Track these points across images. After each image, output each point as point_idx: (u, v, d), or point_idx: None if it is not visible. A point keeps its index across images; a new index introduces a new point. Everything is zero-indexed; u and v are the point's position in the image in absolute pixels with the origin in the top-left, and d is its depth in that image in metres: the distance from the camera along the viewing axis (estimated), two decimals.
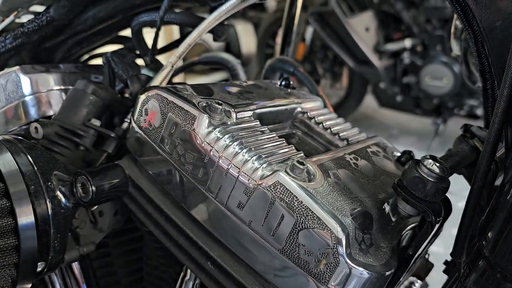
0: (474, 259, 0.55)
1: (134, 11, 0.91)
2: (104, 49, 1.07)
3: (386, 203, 0.59)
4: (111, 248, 0.92)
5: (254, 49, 4.81)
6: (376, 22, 3.86)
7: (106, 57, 0.86)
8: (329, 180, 0.58)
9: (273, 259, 0.55)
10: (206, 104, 0.64)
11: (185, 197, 0.64)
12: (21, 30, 0.92)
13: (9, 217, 0.58)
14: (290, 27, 1.31)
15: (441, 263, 0.77)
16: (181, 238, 0.65)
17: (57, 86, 0.91)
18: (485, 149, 0.52)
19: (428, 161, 0.52)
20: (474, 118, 3.77)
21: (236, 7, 0.75)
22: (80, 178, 0.66)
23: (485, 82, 0.65)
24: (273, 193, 0.54)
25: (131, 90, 0.82)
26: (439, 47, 3.63)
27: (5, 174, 0.59)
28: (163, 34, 0.85)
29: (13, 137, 0.67)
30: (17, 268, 0.59)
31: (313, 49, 4.38)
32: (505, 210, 0.50)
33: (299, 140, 0.78)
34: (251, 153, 0.58)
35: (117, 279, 0.96)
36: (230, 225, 0.59)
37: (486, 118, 0.70)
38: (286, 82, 0.88)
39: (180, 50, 0.78)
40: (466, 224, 0.54)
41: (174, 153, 0.64)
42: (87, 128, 0.79)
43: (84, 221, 0.79)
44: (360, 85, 4.23)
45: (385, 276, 0.53)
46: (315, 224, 0.51)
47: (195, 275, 0.68)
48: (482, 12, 0.56)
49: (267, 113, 0.73)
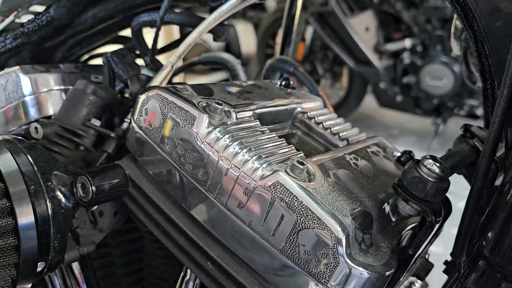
0: (474, 259, 0.55)
1: (134, 11, 0.91)
2: (104, 49, 1.07)
3: (386, 203, 0.59)
4: (111, 248, 0.92)
5: (254, 49, 4.81)
6: (376, 22, 3.86)
7: (106, 57, 0.86)
8: (329, 180, 0.58)
9: (273, 259, 0.55)
10: (206, 104, 0.64)
11: (185, 197, 0.64)
12: (21, 30, 0.92)
13: (9, 217, 0.58)
14: (290, 27, 1.31)
15: (441, 263, 0.77)
16: (181, 238, 0.65)
17: (57, 86, 0.91)
18: (485, 149, 0.52)
19: (428, 161, 0.52)
20: (474, 118, 3.77)
21: (236, 7, 0.75)
22: (80, 178, 0.66)
23: (485, 82, 0.65)
24: (273, 193, 0.54)
25: (131, 90, 0.82)
26: (439, 47, 3.63)
27: (5, 174, 0.59)
28: (163, 34, 0.85)
29: (13, 137, 0.67)
30: (17, 268, 0.59)
31: (313, 49, 4.38)
32: (505, 210, 0.50)
33: (299, 140, 0.78)
34: (251, 153, 0.58)
35: (117, 279, 0.96)
36: (230, 225, 0.59)
37: (486, 118, 0.70)
38: (286, 82, 0.88)
39: (180, 50, 0.78)
40: (466, 224, 0.54)
41: (174, 153, 0.64)
42: (87, 128, 0.79)
43: (84, 221, 0.79)
44: (360, 85, 4.23)
45: (385, 276, 0.53)
46: (315, 224, 0.51)
47: (195, 275, 0.68)
48: (482, 12, 0.56)
49: (267, 113, 0.73)
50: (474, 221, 0.55)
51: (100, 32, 1.00)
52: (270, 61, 1.14)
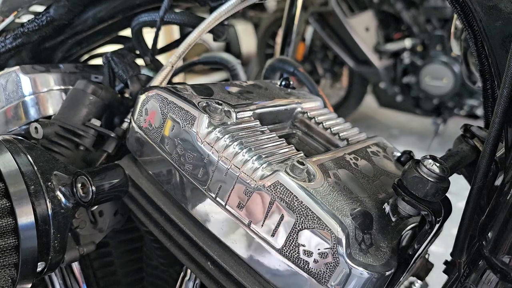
0: (474, 259, 0.55)
1: (134, 11, 0.91)
2: (104, 49, 1.07)
3: (386, 203, 0.59)
4: (111, 248, 0.92)
5: (254, 49, 4.81)
6: (376, 22, 3.86)
7: (106, 57, 0.86)
8: (329, 180, 0.58)
9: (273, 259, 0.55)
10: (206, 104, 0.64)
11: (185, 197, 0.64)
12: (21, 30, 0.92)
13: (9, 217, 0.58)
14: (290, 27, 1.31)
15: (441, 263, 0.77)
16: (181, 238, 0.65)
17: (57, 86, 0.91)
18: (485, 149, 0.52)
19: (428, 161, 0.52)
20: (474, 118, 3.77)
21: (236, 7, 0.75)
22: (80, 178, 0.66)
23: (485, 82, 0.65)
24: (273, 193, 0.54)
25: (131, 90, 0.82)
26: (439, 47, 3.63)
27: (5, 174, 0.59)
28: (163, 34, 0.85)
29: (13, 137, 0.67)
30: (17, 268, 0.59)
31: (313, 49, 4.38)
32: (505, 210, 0.50)
33: (299, 140, 0.78)
34: (251, 153, 0.58)
35: (117, 279, 0.96)
36: (230, 225, 0.59)
37: (486, 118, 0.70)
38: (286, 82, 0.88)
39: (180, 50, 0.78)
40: (466, 224, 0.54)
41: (174, 153, 0.64)
42: (87, 128, 0.79)
43: (84, 221, 0.78)
44: (360, 85, 4.23)
45: (385, 276, 0.53)
46: (315, 224, 0.51)
47: (195, 275, 0.68)
48: (482, 12, 0.56)
49: (267, 113, 0.73)
50: (474, 221, 0.55)
51: (100, 32, 1.00)
52: (270, 61, 1.14)
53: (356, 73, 4.06)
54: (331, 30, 3.85)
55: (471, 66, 0.89)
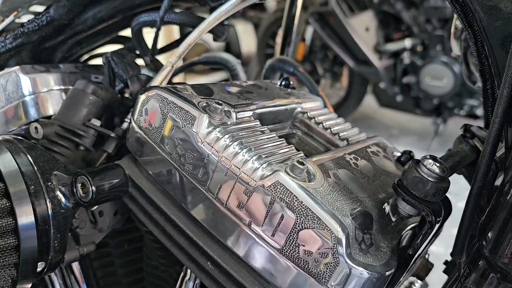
0: (474, 259, 0.55)
1: (134, 11, 0.91)
2: (104, 49, 1.07)
3: (386, 203, 0.59)
4: (111, 248, 0.92)
5: (254, 49, 4.81)
6: (376, 22, 3.86)
7: (106, 57, 0.86)
8: (329, 180, 0.58)
9: (273, 259, 0.55)
10: (206, 104, 0.64)
11: (185, 197, 0.64)
12: (21, 30, 0.92)
13: (9, 217, 0.58)
14: (290, 27, 1.31)
15: (441, 263, 0.77)
16: (181, 238, 0.65)
17: (57, 86, 0.91)
18: (485, 149, 0.52)
19: (428, 161, 0.52)
20: (474, 118, 3.77)
21: (236, 7, 0.75)
22: (80, 178, 0.66)
23: (485, 82, 0.65)
24: (273, 193, 0.54)
25: (131, 90, 0.82)
26: (439, 47, 3.63)
27: (5, 174, 0.59)
28: (163, 34, 0.85)
29: (13, 137, 0.67)
30: (17, 268, 0.59)
31: (313, 49, 4.38)
32: (505, 210, 0.50)
33: (299, 140, 0.78)
34: (251, 153, 0.58)
35: (117, 279, 0.96)
36: (230, 225, 0.59)
37: (486, 118, 0.70)
38: (286, 82, 0.88)
39: (180, 50, 0.78)
40: (466, 224, 0.54)
41: (174, 153, 0.64)
42: (87, 128, 0.79)
43: (84, 221, 0.78)
44: (360, 85, 4.23)
45: (385, 276, 0.53)
46: (315, 224, 0.51)
47: (195, 275, 0.68)
48: (482, 12, 0.56)
49: (267, 113, 0.73)
50: (474, 221, 0.55)
51: (100, 32, 1.00)
52: (270, 61, 1.14)
53: (356, 73, 4.07)
54: (331, 30, 3.85)
55: (471, 66, 0.89)
